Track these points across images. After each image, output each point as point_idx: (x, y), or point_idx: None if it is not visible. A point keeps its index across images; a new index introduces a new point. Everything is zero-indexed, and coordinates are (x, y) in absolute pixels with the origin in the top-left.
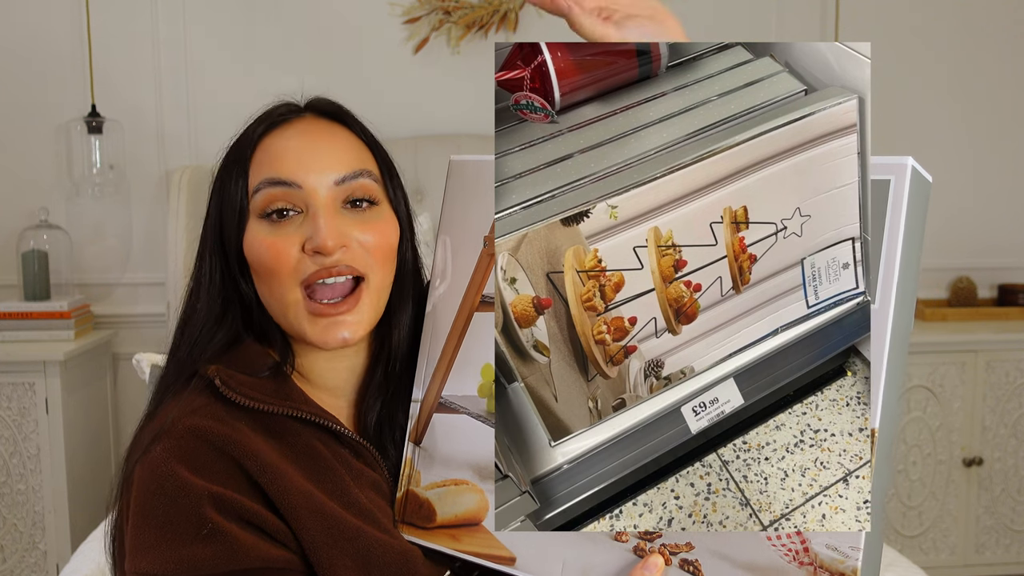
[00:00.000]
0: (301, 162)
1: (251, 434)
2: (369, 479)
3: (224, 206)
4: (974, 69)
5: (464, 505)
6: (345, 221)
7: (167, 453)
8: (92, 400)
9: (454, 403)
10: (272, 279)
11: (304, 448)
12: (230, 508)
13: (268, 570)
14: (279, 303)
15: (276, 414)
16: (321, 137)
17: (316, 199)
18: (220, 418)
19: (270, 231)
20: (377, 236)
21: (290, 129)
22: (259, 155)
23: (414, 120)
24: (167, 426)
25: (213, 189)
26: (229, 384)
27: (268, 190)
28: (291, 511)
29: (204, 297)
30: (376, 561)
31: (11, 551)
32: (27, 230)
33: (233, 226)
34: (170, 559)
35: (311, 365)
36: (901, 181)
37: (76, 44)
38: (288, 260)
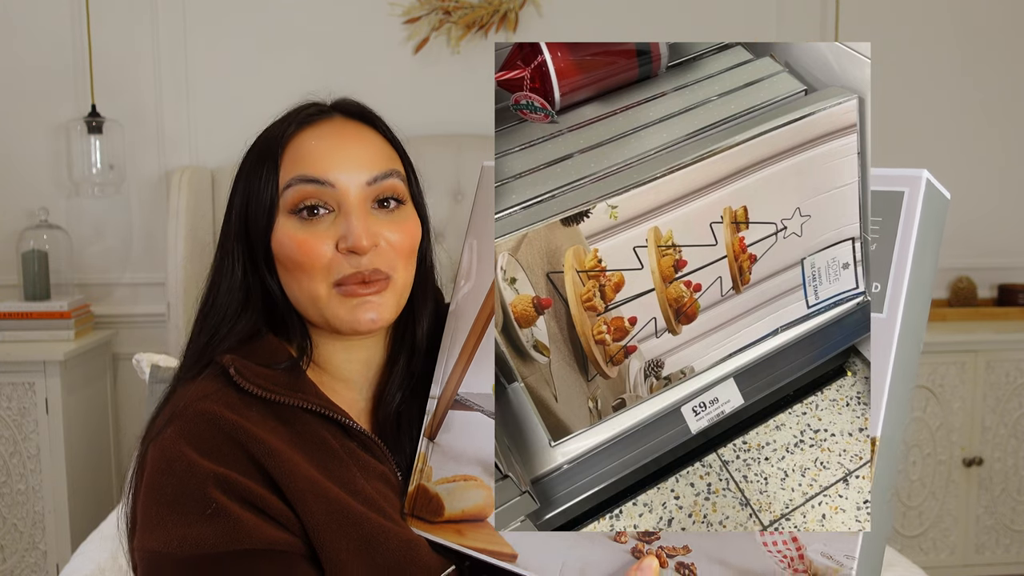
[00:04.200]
0: (333, 161)
1: (261, 421)
2: (377, 471)
3: (251, 200)
4: (973, 69)
5: (472, 500)
6: (375, 220)
7: (177, 434)
8: (92, 400)
9: (469, 400)
10: (302, 275)
11: (312, 437)
12: (234, 489)
13: (270, 551)
14: (307, 296)
15: (286, 404)
16: (351, 137)
17: (348, 199)
18: (231, 404)
19: (301, 228)
20: (404, 235)
21: (321, 128)
22: (290, 152)
23: (414, 120)
24: (179, 409)
25: (237, 183)
26: (243, 373)
27: (300, 187)
28: (296, 494)
29: (225, 289)
30: (379, 547)
31: (11, 551)
32: (27, 230)
33: (261, 220)
34: (175, 537)
35: (329, 356)
36: (915, 194)
37: (76, 44)
38: (320, 258)
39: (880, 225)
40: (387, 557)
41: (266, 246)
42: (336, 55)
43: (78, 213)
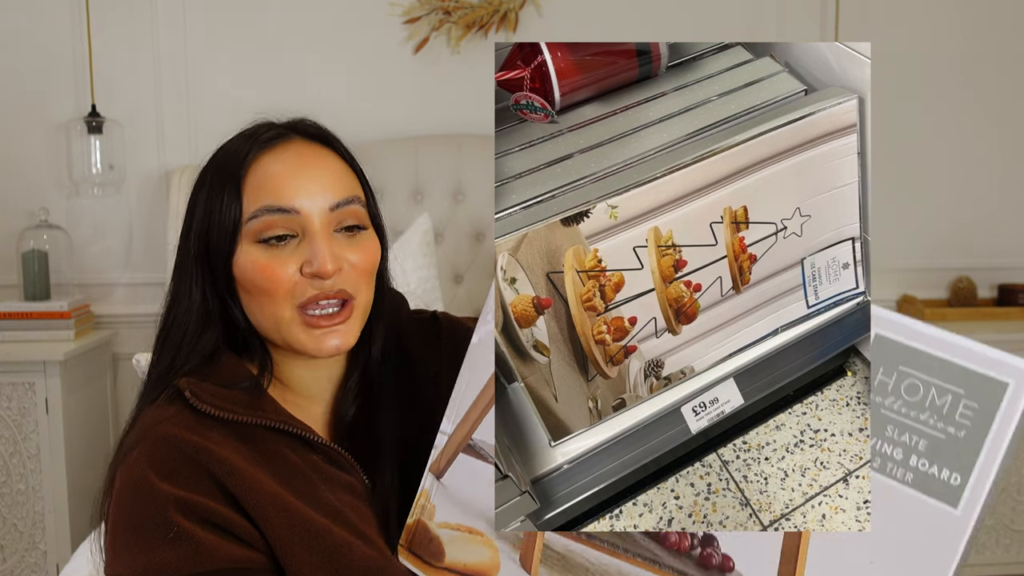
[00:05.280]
0: (298, 188)
1: (222, 440)
2: (342, 482)
3: (212, 225)
4: (974, 69)
5: (476, 556)
6: (338, 243)
7: (140, 459)
8: (92, 400)
9: (485, 450)
10: (265, 299)
11: (274, 454)
12: (196, 511)
13: (234, 570)
14: (271, 319)
15: (245, 423)
16: (314, 162)
17: (312, 224)
18: (190, 426)
19: (264, 253)
20: (365, 258)
21: (282, 152)
22: (253, 178)
23: (414, 120)
24: (141, 434)
25: (195, 202)
26: (199, 396)
27: (266, 217)
28: (258, 511)
29: (184, 310)
30: (343, 559)
31: (11, 551)
32: (27, 230)
33: (223, 245)
34: (140, 563)
35: (291, 374)
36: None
37: (76, 44)
38: (284, 283)
39: (974, 412)
40: (352, 570)
41: (227, 270)
42: (336, 55)
43: (78, 213)
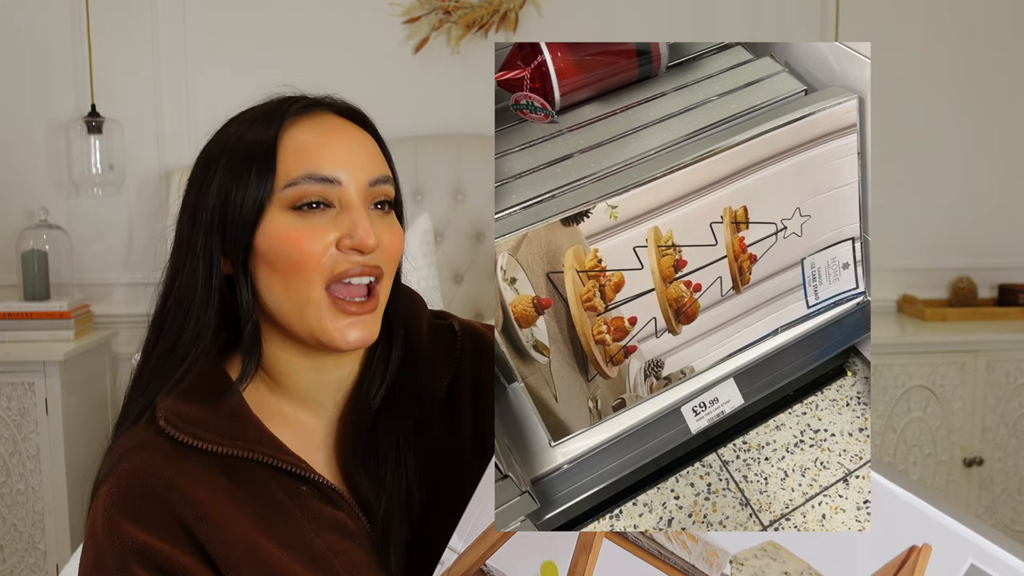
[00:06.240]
0: (338, 158)
1: (199, 472)
2: (329, 520)
3: (234, 195)
4: (974, 69)
5: None
6: (374, 220)
7: (109, 496)
8: (92, 400)
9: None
10: (294, 274)
11: (255, 489)
12: (154, 562)
13: None
14: (295, 301)
15: (226, 455)
16: (350, 135)
17: (351, 196)
18: (166, 454)
19: (299, 222)
20: (396, 239)
21: (316, 122)
22: (288, 146)
23: (414, 120)
24: (115, 459)
25: (207, 178)
26: (176, 424)
27: (306, 186)
28: (227, 561)
29: (186, 287)
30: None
31: (11, 551)
32: (27, 230)
33: (250, 214)
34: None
35: (294, 377)
36: None
37: (76, 45)
38: (316, 254)
39: None
40: None
41: (247, 243)
42: (336, 55)
43: (78, 213)
